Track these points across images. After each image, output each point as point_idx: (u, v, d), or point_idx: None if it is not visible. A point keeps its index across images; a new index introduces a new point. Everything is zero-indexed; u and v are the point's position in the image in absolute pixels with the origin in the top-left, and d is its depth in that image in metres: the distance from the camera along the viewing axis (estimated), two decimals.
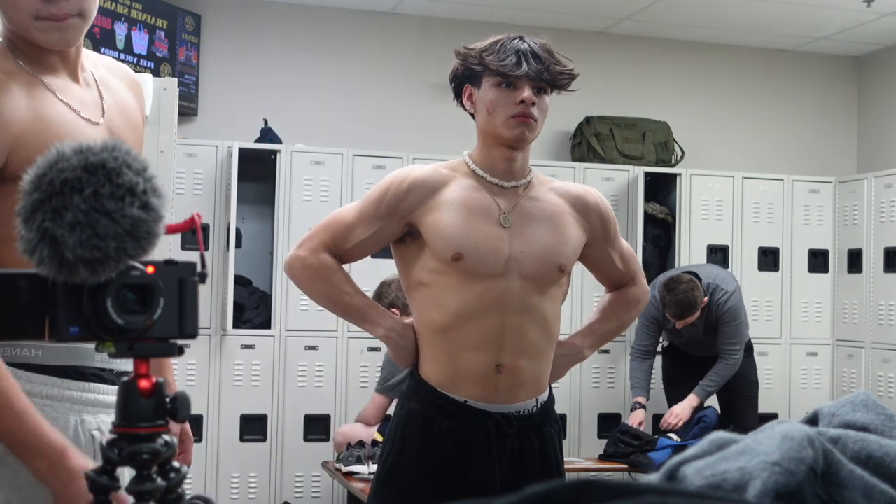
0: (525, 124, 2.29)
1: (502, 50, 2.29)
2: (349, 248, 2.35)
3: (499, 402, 2.27)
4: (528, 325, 2.29)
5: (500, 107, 2.29)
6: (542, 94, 2.33)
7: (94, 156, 1.09)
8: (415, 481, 2.26)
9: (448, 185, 2.31)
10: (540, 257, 2.30)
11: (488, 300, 2.25)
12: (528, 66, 2.27)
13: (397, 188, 2.31)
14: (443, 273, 2.26)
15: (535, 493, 0.64)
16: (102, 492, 1.13)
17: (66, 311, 1.09)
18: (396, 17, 6.30)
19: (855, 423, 0.85)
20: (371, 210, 2.32)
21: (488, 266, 2.26)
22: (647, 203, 6.00)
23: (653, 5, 6.03)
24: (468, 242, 2.25)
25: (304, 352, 5.41)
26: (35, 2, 1.70)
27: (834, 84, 7.07)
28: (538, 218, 2.34)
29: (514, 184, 2.35)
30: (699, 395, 5.15)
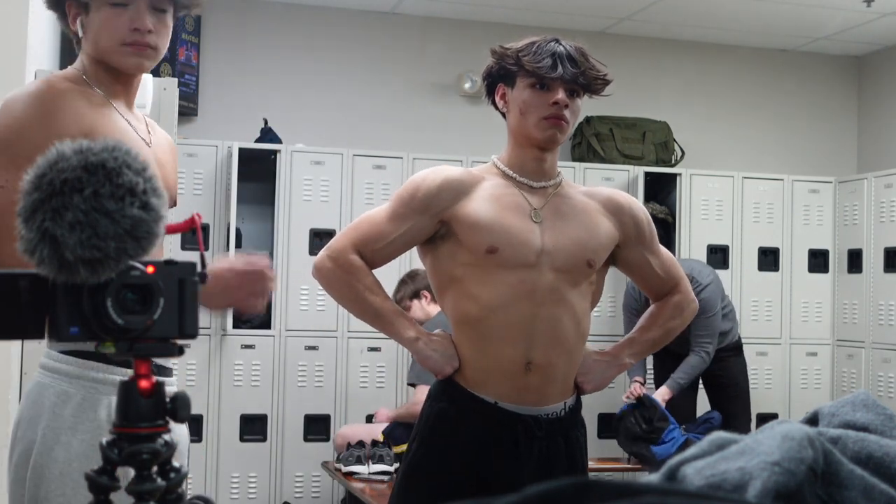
0: (557, 126, 2.30)
1: (538, 52, 2.29)
2: (380, 247, 2.34)
3: (529, 403, 2.27)
4: (560, 317, 2.29)
5: (533, 108, 2.30)
6: (575, 98, 2.33)
7: (94, 156, 1.09)
8: (441, 482, 2.26)
9: (480, 184, 2.33)
10: (570, 251, 2.31)
11: (520, 291, 2.26)
12: (563, 68, 2.28)
13: (430, 185, 2.32)
14: (476, 266, 2.27)
15: (535, 493, 0.64)
16: (102, 492, 1.13)
17: (66, 311, 1.09)
18: (396, 17, 6.29)
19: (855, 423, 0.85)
20: (402, 208, 2.32)
21: (521, 258, 2.27)
22: (647, 203, 6.00)
23: (653, 5, 6.03)
24: (502, 235, 2.27)
25: (304, 352, 5.41)
26: (125, 30, 2.01)
27: (834, 84, 7.07)
28: (568, 214, 2.35)
29: (543, 184, 2.37)
30: (671, 388, 5.09)
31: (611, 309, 5.85)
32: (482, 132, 6.38)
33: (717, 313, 5.19)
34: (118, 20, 2.01)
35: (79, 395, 1.89)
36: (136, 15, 2.01)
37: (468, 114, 6.20)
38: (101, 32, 2.02)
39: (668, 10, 6.12)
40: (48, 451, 1.87)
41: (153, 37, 2.04)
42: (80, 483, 1.79)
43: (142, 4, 2.02)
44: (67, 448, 1.86)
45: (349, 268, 2.33)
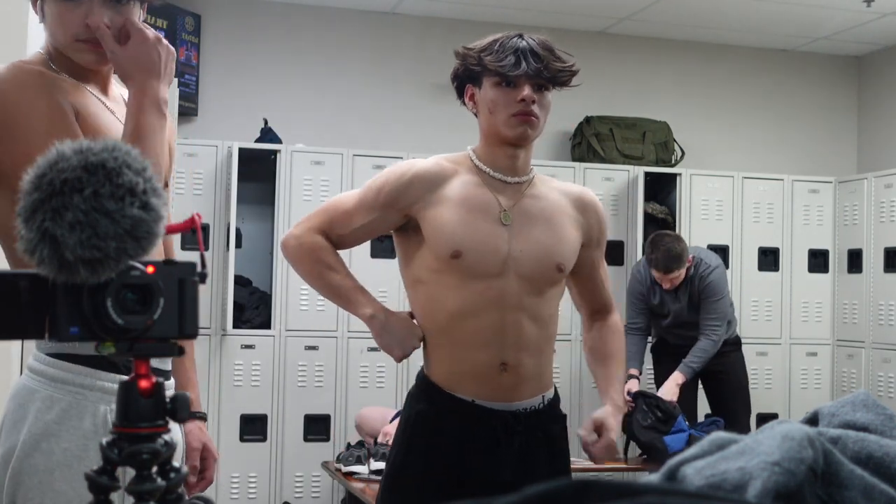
0: (526, 123, 2.29)
1: (501, 49, 2.29)
2: (345, 233, 2.36)
3: (505, 399, 2.27)
4: (527, 323, 2.29)
5: (500, 106, 2.29)
6: (543, 92, 2.32)
7: (94, 156, 1.09)
8: (425, 483, 2.26)
9: (450, 181, 2.31)
10: (538, 257, 2.30)
11: (487, 298, 2.25)
12: (526, 64, 2.27)
13: (398, 180, 2.31)
14: (441, 272, 2.26)
15: (535, 493, 0.64)
16: (102, 492, 1.13)
17: (66, 311, 1.09)
18: (396, 17, 6.30)
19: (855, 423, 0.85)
20: (370, 199, 2.33)
21: (487, 265, 2.26)
22: (647, 203, 6.00)
23: (653, 5, 6.03)
24: (467, 240, 2.25)
25: (304, 352, 5.41)
26: (78, 25, 1.88)
27: (834, 84, 7.08)
28: (538, 217, 2.34)
29: (517, 180, 2.35)
30: (684, 373, 5.09)
31: None
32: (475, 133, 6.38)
33: (724, 297, 5.23)
34: (72, 14, 1.88)
35: (64, 401, 1.82)
36: (90, 10, 1.88)
37: (468, 114, 6.19)
38: (55, 26, 1.92)
39: (668, 10, 6.12)
40: (27, 457, 1.80)
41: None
42: (60, 492, 1.77)
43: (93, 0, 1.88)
44: (49, 456, 1.79)
45: (312, 246, 2.34)
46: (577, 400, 5.81)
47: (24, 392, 1.86)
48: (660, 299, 5.22)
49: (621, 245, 5.91)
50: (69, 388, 1.83)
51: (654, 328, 5.45)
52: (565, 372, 5.76)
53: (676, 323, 5.25)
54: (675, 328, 5.28)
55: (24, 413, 1.83)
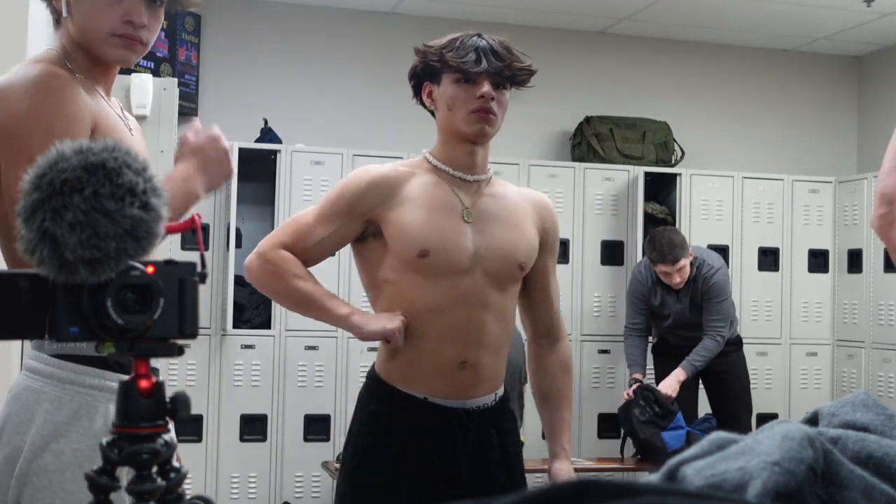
0: (485, 120, 2.30)
1: (462, 47, 2.30)
2: (309, 247, 2.34)
3: (460, 397, 2.28)
4: (490, 321, 2.30)
5: (460, 102, 2.30)
6: (502, 90, 2.33)
7: (94, 156, 1.09)
8: (383, 482, 2.26)
9: (408, 182, 2.32)
10: (502, 255, 2.31)
11: (453, 296, 2.26)
12: (487, 62, 2.28)
13: (355, 187, 2.31)
14: (408, 270, 2.27)
15: (535, 493, 0.64)
16: (102, 492, 1.13)
17: (66, 311, 1.09)
18: (396, 17, 6.30)
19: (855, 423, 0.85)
20: (329, 209, 2.33)
21: (453, 262, 2.27)
22: (647, 203, 6.00)
23: (653, 5, 6.03)
24: (433, 239, 2.26)
25: (304, 352, 5.41)
26: (117, 21, 1.89)
27: (834, 84, 7.08)
28: (499, 214, 2.35)
29: (476, 178, 2.36)
30: (686, 370, 5.09)
31: (611, 309, 5.85)
32: None
33: (728, 297, 5.24)
34: (111, 9, 1.89)
35: (74, 403, 1.83)
36: (131, 7, 1.89)
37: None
38: (90, 19, 1.89)
39: (668, 10, 6.12)
40: (35, 458, 1.80)
41: (145, 31, 1.93)
42: (71, 492, 1.77)
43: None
44: (59, 456, 1.80)
45: (276, 260, 2.32)
46: (577, 400, 5.81)
47: (28, 393, 1.85)
48: (661, 300, 5.21)
49: (621, 245, 5.91)
50: (78, 388, 1.83)
51: (654, 328, 5.44)
52: None
53: (677, 324, 5.25)
54: (676, 329, 5.27)
55: (30, 414, 1.83)
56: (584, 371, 5.83)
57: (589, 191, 5.89)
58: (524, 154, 6.12)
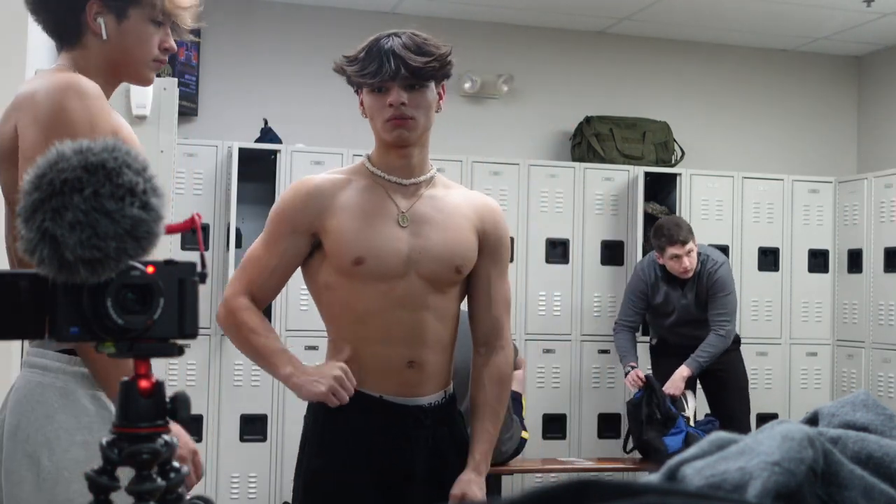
0: (401, 126, 2.30)
1: (366, 57, 2.29)
2: (265, 281, 2.36)
3: (412, 395, 2.31)
4: (432, 321, 2.32)
5: (375, 111, 2.32)
6: (420, 89, 2.31)
7: (94, 156, 1.09)
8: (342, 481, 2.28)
9: (344, 190, 2.33)
10: (437, 258, 2.32)
11: (392, 299, 2.29)
12: (388, 68, 2.26)
13: (292, 201, 2.34)
14: (346, 276, 2.29)
15: (535, 493, 0.64)
16: (102, 492, 1.13)
17: (66, 311, 1.09)
18: (396, 17, 6.30)
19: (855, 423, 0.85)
20: (274, 233, 2.34)
21: (389, 268, 2.29)
22: (647, 203, 6.00)
23: (653, 5, 6.03)
24: (368, 246, 2.28)
25: (304, 352, 5.40)
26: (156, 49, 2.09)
27: (834, 84, 7.08)
28: (435, 217, 2.35)
29: (413, 181, 2.37)
30: (691, 367, 5.08)
31: (611, 309, 5.85)
32: (482, 132, 6.39)
33: (733, 292, 5.24)
34: (154, 38, 2.08)
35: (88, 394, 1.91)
36: (165, 35, 2.10)
37: (468, 114, 6.21)
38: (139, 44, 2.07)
39: (668, 10, 6.12)
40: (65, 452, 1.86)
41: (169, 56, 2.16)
42: None
43: (168, 27, 2.10)
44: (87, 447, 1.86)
45: (235, 311, 2.34)
46: (577, 399, 5.81)
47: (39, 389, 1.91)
48: (664, 297, 5.21)
49: (621, 245, 5.91)
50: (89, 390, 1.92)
51: (654, 328, 5.44)
52: (565, 372, 5.76)
53: (681, 321, 5.24)
54: (678, 327, 5.26)
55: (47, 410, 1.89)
56: (584, 371, 5.83)
57: (589, 191, 5.89)
58: (524, 154, 6.13)
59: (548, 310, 5.76)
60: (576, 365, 5.81)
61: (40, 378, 1.91)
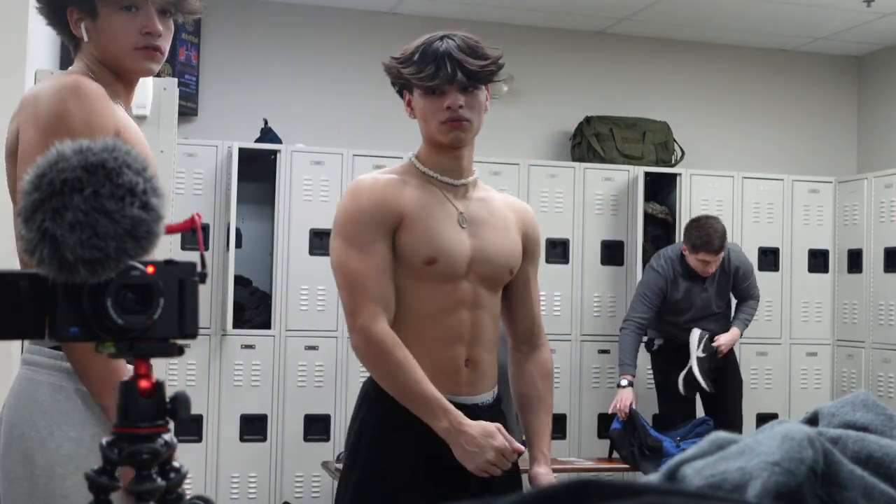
0: (457, 128, 2.32)
1: (421, 59, 2.29)
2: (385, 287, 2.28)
3: (468, 394, 2.35)
4: (486, 320, 2.37)
5: (430, 114, 2.32)
6: (473, 91, 2.33)
7: (94, 156, 1.09)
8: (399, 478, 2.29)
9: (406, 190, 2.34)
10: (494, 259, 2.37)
11: (455, 299, 2.32)
12: (446, 71, 2.27)
13: (369, 202, 2.30)
14: (414, 277, 2.30)
15: (535, 494, 0.64)
16: (102, 492, 1.13)
17: (66, 311, 1.09)
18: (396, 17, 6.30)
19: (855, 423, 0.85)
20: (363, 238, 2.28)
21: (455, 268, 2.32)
22: (647, 203, 6.00)
23: (653, 5, 6.03)
24: (438, 246, 2.30)
25: (304, 352, 5.41)
26: (137, 35, 2.03)
27: (834, 84, 7.08)
28: (488, 220, 2.40)
29: (463, 182, 2.39)
30: (740, 328, 5.35)
31: (611, 309, 5.85)
32: (482, 132, 6.38)
33: (751, 266, 5.50)
34: (130, 25, 2.03)
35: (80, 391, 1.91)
36: (146, 19, 2.03)
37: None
38: (113, 37, 2.04)
39: (668, 10, 6.12)
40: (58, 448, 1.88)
41: (161, 40, 2.07)
42: None
43: (151, 9, 2.04)
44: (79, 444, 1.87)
45: (383, 346, 2.25)
46: (577, 400, 5.81)
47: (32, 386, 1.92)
48: (685, 292, 5.21)
49: (621, 245, 5.91)
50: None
51: (663, 327, 5.37)
52: (565, 371, 5.76)
53: (697, 316, 5.26)
54: (693, 322, 5.27)
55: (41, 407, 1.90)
56: (584, 371, 5.83)
57: (589, 191, 5.89)
58: (524, 154, 6.12)
59: (548, 310, 5.76)
60: (576, 365, 5.81)
61: (33, 375, 1.93)
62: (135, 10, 2.03)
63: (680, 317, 5.28)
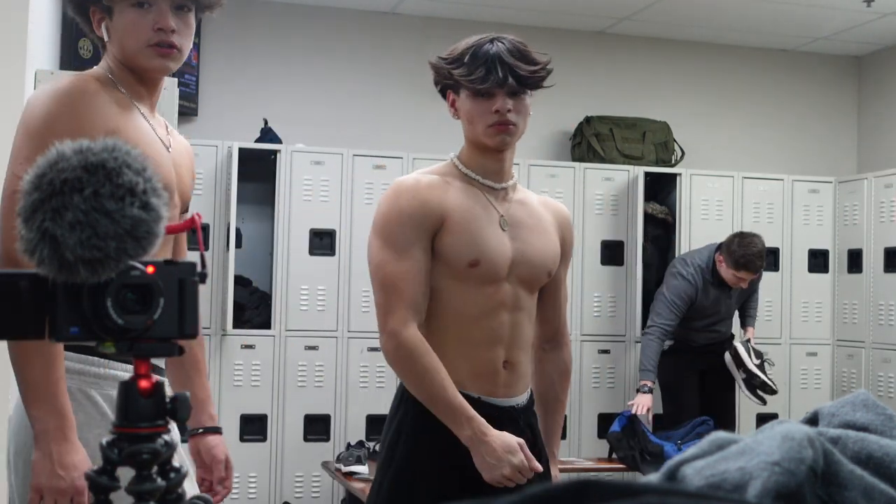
0: (504, 132, 2.33)
1: (471, 61, 2.30)
2: (420, 291, 2.28)
3: (504, 396, 2.37)
4: (525, 322, 2.40)
5: (477, 117, 2.32)
6: (520, 96, 2.35)
7: (94, 156, 1.09)
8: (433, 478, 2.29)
9: (448, 191, 2.35)
10: (534, 262, 2.40)
11: (496, 301, 2.34)
12: (497, 74, 2.28)
13: (411, 203, 2.30)
14: (457, 279, 2.31)
15: (535, 493, 0.64)
16: (102, 492, 1.13)
17: (66, 311, 1.09)
18: (396, 17, 6.30)
19: (855, 423, 0.85)
20: (402, 239, 2.28)
21: (497, 271, 2.33)
22: (647, 203, 6.00)
23: (653, 5, 6.03)
24: (481, 249, 2.31)
25: (304, 352, 5.41)
26: (148, 31, 2.01)
27: (834, 84, 7.08)
28: (528, 222, 2.42)
29: (503, 185, 2.41)
30: (754, 325, 5.49)
31: (611, 309, 5.86)
32: None
33: None
34: (142, 21, 2.01)
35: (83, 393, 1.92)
36: (158, 16, 2.01)
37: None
38: (125, 35, 2.02)
39: (668, 10, 6.12)
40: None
41: (177, 37, 2.04)
42: None
43: (164, 5, 2.02)
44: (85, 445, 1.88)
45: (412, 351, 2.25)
46: (577, 400, 5.81)
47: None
48: (713, 300, 5.26)
49: (621, 245, 5.91)
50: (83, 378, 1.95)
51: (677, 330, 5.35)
52: None
53: (717, 321, 5.35)
54: (714, 326, 5.36)
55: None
56: (584, 371, 5.83)
57: (589, 191, 5.89)
58: (524, 154, 6.11)
59: None
60: (576, 365, 5.78)
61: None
62: (147, 6, 2.01)
63: (703, 321, 5.33)
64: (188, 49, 2.10)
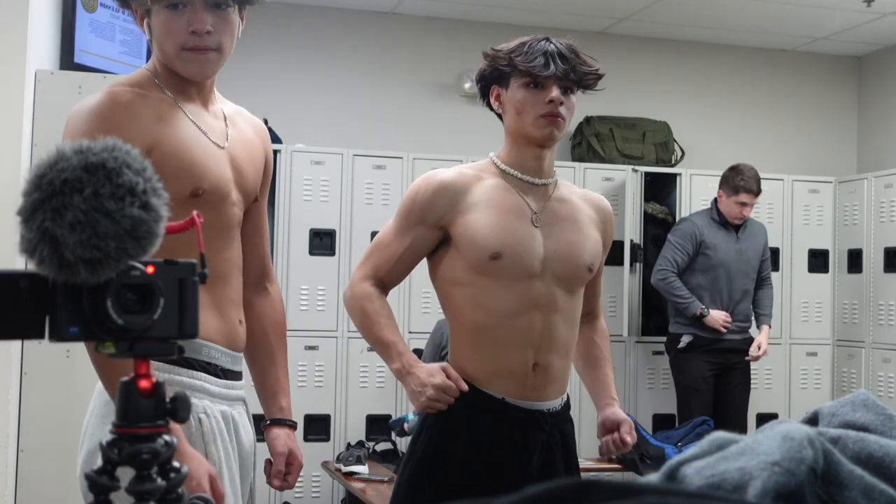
0: (554, 124, 2.33)
1: (530, 51, 2.32)
2: (391, 268, 2.39)
3: (532, 399, 2.33)
4: (561, 324, 2.36)
5: (528, 107, 2.33)
6: (569, 94, 2.37)
7: (94, 156, 1.09)
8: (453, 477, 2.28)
9: (475, 187, 2.35)
10: (570, 258, 2.36)
11: (527, 300, 2.31)
12: (555, 66, 2.31)
13: (423, 194, 2.34)
14: (480, 274, 2.30)
15: (535, 493, 0.64)
16: (102, 492, 1.13)
17: (66, 311, 1.09)
18: (396, 17, 6.30)
19: (855, 423, 0.85)
20: (403, 222, 2.37)
21: (525, 266, 2.31)
22: (647, 203, 6.00)
23: (653, 5, 6.03)
24: (505, 242, 2.30)
25: (304, 352, 5.41)
26: (183, 34, 1.93)
27: (834, 84, 7.08)
28: (566, 219, 2.40)
29: (543, 182, 2.40)
30: (769, 323, 5.50)
31: (611, 309, 5.86)
32: (482, 132, 6.38)
33: None
34: (176, 23, 1.94)
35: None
36: (193, 16, 1.94)
37: (468, 114, 6.20)
38: (161, 37, 1.97)
39: (668, 10, 6.12)
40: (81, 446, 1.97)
41: (214, 37, 1.98)
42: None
43: (198, 4, 1.94)
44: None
45: (360, 295, 2.39)
46: (577, 399, 5.81)
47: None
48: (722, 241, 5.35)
49: (621, 245, 5.91)
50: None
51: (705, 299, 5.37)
52: None
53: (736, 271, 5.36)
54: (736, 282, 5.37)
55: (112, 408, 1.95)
56: None
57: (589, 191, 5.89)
58: None
59: None
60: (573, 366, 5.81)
61: None
62: (181, 7, 1.94)
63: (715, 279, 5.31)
64: (230, 47, 2.04)
